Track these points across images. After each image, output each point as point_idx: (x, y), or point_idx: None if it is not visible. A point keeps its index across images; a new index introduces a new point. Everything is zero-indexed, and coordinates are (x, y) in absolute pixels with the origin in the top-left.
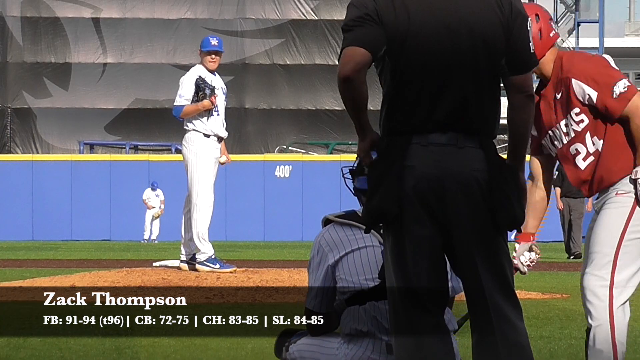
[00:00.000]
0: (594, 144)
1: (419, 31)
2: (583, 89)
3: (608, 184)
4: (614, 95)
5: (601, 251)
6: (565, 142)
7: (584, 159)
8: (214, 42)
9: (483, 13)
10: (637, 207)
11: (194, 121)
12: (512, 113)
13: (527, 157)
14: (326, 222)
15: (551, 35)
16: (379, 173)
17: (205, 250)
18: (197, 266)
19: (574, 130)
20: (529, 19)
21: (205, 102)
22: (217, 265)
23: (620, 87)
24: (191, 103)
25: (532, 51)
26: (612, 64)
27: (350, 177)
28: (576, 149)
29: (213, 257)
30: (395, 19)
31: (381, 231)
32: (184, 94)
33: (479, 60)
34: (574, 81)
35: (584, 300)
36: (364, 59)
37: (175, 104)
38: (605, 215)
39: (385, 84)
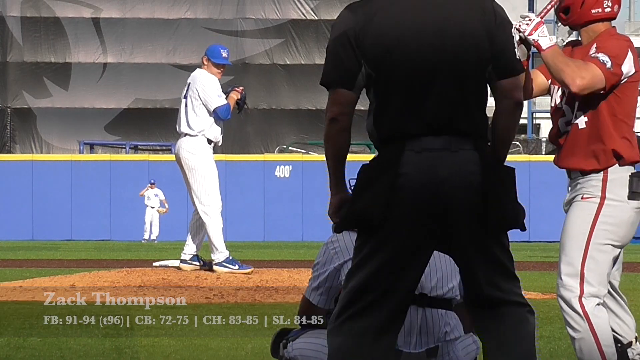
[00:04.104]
0: (576, 117)
1: (403, 37)
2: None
3: (575, 167)
4: (596, 57)
5: (569, 262)
6: (558, 101)
7: (566, 124)
8: (224, 54)
9: (467, 20)
10: (600, 213)
11: (204, 127)
12: (496, 118)
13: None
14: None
15: (595, 11)
16: (368, 177)
17: (222, 250)
18: (215, 267)
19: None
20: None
21: (234, 93)
22: (236, 267)
23: (606, 58)
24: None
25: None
26: (630, 55)
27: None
28: (563, 111)
29: (230, 258)
30: (379, 27)
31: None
32: (220, 93)
33: (463, 64)
34: (592, 48)
35: (562, 310)
36: (349, 99)
37: (219, 104)
38: (570, 222)
39: (370, 90)
